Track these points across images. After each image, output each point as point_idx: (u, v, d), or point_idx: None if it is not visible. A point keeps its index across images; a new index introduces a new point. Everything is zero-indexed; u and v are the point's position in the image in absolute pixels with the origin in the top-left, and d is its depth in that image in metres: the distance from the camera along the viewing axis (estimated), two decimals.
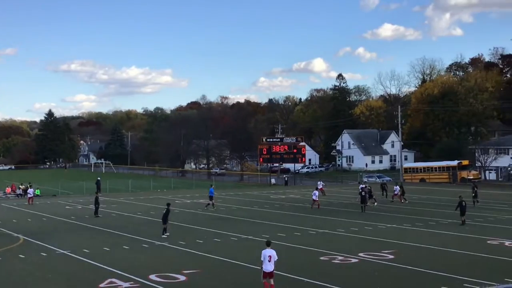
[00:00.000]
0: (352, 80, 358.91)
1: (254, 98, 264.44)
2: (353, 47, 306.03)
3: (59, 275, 23.21)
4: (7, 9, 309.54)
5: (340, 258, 25.37)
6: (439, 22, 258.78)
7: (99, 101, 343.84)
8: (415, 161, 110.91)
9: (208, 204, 47.75)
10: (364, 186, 51.15)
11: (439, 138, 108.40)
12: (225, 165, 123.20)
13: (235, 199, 57.07)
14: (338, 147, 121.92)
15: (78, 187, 75.47)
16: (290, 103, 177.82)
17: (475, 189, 49.63)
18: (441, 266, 23.25)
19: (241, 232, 33.87)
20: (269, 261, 18.77)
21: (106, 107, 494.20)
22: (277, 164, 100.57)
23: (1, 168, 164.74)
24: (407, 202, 51.60)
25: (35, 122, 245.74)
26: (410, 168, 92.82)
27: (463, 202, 36.32)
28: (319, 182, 62.21)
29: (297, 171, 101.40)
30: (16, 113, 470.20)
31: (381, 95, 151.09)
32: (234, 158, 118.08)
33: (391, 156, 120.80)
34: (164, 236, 32.23)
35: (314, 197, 47.92)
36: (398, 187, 54.20)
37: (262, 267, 18.92)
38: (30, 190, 58.20)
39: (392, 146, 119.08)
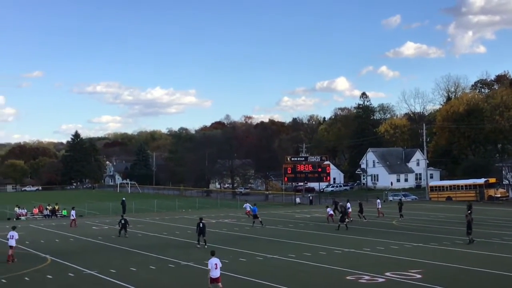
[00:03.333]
0: (376, 98, 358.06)
1: (277, 117, 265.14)
2: (376, 65, 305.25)
3: None
4: (33, 33, 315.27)
5: (366, 277, 25.21)
6: (462, 40, 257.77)
7: (124, 122, 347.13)
8: (441, 179, 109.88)
9: (254, 222, 50.46)
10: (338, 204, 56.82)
11: (465, 156, 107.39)
12: (249, 185, 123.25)
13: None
14: (363, 166, 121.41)
15: (104, 207, 76.07)
16: (314, 122, 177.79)
17: (471, 207, 51.99)
18: (469, 286, 22.98)
19: (266, 251, 33.84)
20: (216, 268, 21.04)
21: (131, 128, 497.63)
22: (301, 183, 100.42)
23: (28, 189, 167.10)
24: (350, 220, 51.09)
25: (61, 143, 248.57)
26: (436, 186, 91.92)
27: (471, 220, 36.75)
28: (245, 205, 61.24)
29: (322, 190, 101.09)
30: (43, 134, 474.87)
31: (405, 113, 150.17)
32: (259, 178, 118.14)
33: (416, 174, 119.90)
34: (205, 247, 35.31)
35: (330, 212, 52.57)
36: (379, 200, 60.04)
37: (209, 274, 21.09)
38: (73, 212, 54.37)
39: (417, 164, 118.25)
